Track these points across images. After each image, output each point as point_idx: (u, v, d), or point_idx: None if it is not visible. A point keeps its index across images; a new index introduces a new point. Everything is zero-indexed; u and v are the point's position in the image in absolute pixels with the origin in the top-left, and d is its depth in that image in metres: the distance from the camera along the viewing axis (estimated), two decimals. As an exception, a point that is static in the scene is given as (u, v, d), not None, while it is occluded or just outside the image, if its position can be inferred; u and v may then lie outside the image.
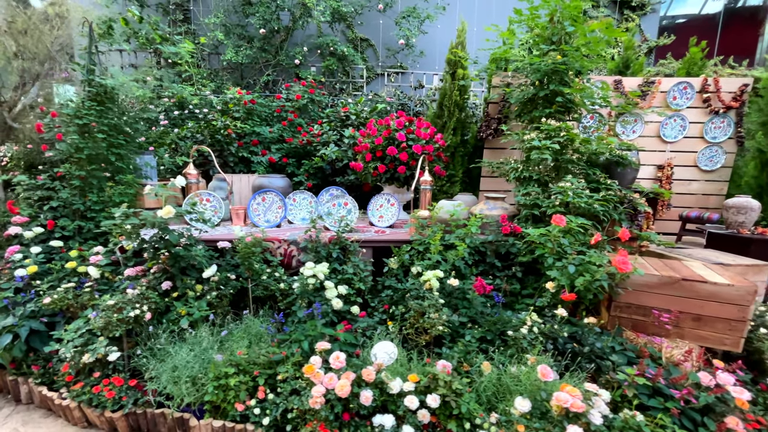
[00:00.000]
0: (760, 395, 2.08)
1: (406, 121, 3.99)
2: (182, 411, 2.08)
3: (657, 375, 1.89)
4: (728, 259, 2.78)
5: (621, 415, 1.80)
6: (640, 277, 2.29)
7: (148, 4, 6.20)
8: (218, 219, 3.47)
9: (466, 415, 1.89)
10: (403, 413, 1.92)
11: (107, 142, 3.05)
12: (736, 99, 4.83)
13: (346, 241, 2.99)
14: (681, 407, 1.84)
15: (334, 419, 1.89)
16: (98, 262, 2.72)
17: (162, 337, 2.23)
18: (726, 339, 2.18)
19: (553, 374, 1.84)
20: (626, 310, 2.36)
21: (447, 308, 2.59)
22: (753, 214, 3.63)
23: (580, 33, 3.39)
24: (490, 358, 2.18)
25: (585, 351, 2.11)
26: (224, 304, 2.62)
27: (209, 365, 2.09)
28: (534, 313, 2.30)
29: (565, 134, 2.89)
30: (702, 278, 2.20)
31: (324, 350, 2.09)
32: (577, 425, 1.67)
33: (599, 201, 2.73)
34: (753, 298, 2.10)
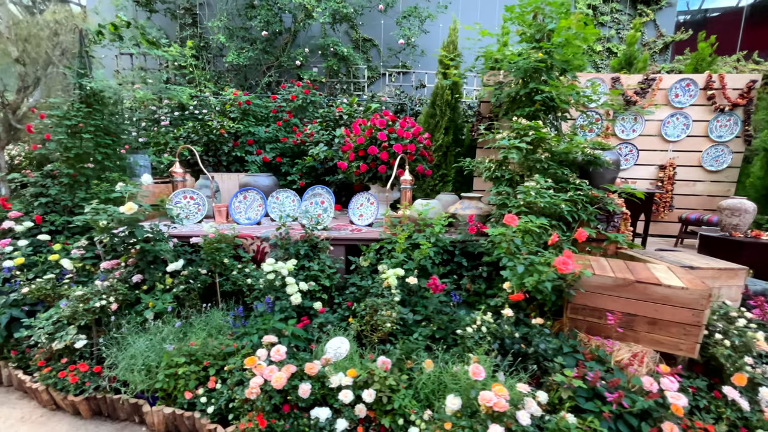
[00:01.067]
0: (713, 402, 1.99)
1: (389, 121, 4.01)
2: (137, 397, 2.19)
3: (595, 378, 1.85)
4: (702, 262, 2.65)
5: (555, 417, 1.77)
6: (595, 279, 2.23)
7: (156, 9, 6.48)
8: (201, 216, 3.61)
9: (399, 411, 1.91)
10: (340, 407, 1.96)
11: (94, 141, 3.23)
12: (743, 96, 4.58)
13: (316, 238, 3.04)
14: (618, 411, 1.79)
15: (272, 410, 1.95)
16: (81, 255, 2.90)
17: (124, 327, 2.35)
18: (681, 344, 2.10)
19: (484, 373, 1.83)
20: (581, 312, 2.30)
21: (405, 306, 2.62)
22: (747, 216, 3.44)
23: (557, 30, 3.31)
24: (435, 356, 2.18)
25: (530, 352, 2.08)
26: (192, 297, 2.73)
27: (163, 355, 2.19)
28: (487, 313, 2.29)
29: (533, 133, 2.84)
30: (657, 281, 2.12)
31: (270, 343, 2.15)
32: (501, 424, 1.67)
33: (566, 201, 2.68)
34: (707, 303, 2.01)
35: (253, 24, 6.13)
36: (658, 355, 2.17)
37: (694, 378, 2.13)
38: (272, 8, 6.24)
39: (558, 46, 3.41)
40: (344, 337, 2.39)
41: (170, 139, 4.44)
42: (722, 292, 2.57)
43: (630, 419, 1.79)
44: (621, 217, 3.01)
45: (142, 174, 4.01)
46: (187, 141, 4.62)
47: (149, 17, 6.42)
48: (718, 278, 2.54)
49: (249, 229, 3.38)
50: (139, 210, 2.38)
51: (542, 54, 3.46)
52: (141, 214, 2.42)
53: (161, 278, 2.69)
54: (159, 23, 6.65)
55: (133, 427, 2.21)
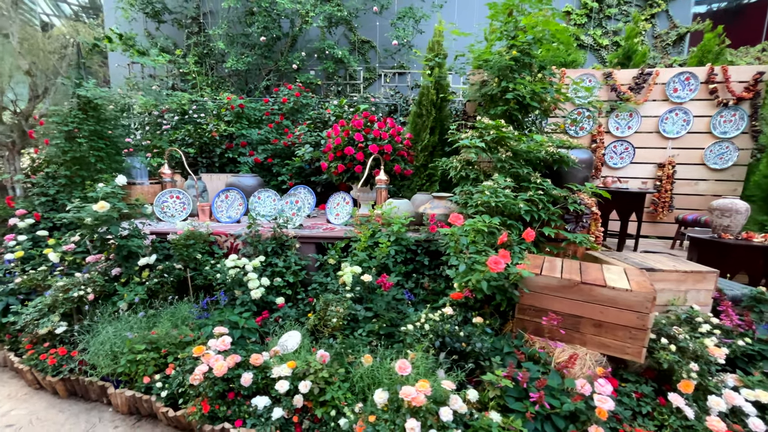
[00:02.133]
0: (658, 409, 1.93)
1: (368, 122, 4.08)
2: (103, 380, 2.38)
3: (524, 378, 1.84)
4: (670, 264, 2.55)
5: (481, 414, 1.79)
6: (541, 279, 2.21)
7: (164, 20, 6.86)
8: (186, 214, 3.82)
9: (332, 403, 1.98)
10: (279, 396, 2.05)
11: (88, 145, 3.49)
12: (749, 89, 4.33)
13: (284, 236, 3.16)
14: (546, 412, 1.78)
15: (216, 397, 2.07)
16: (72, 250, 3.14)
17: (96, 315, 2.55)
18: (628, 348, 2.04)
19: (410, 369, 1.87)
20: (528, 312, 2.28)
21: (362, 303, 2.68)
22: (739, 217, 3.25)
23: (527, 27, 3.26)
24: (376, 351, 2.23)
25: (468, 350, 2.10)
26: (165, 290, 2.91)
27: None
28: (436, 311, 2.31)
29: (494, 132, 2.82)
30: (601, 282, 2.07)
31: (221, 334, 2.28)
32: (418, 419, 1.70)
33: (526, 201, 2.65)
34: (652, 306, 1.95)
35: (251, 30, 6.35)
36: (605, 358, 2.12)
37: (642, 383, 2.07)
38: (270, 14, 6.45)
39: (530, 44, 3.35)
40: (297, 331, 2.48)
41: (166, 142, 4.70)
42: (690, 296, 2.47)
43: (558, 421, 1.77)
44: (590, 217, 2.94)
45: (136, 176, 4.29)
46: (183, 144, 4.88)
47: (158, 27, 6.79)
48: (684, 281, 2.44)
49: (228, 227, 3.54)
50: (113, 208, 2.56)
51: (516, 52, 3.41)
52: (115, 212, 2.61)
53: (138, 272, 2.89)
54: (168, 32, 7.02)
55: (102, 408, 2.40)
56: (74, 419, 2.30)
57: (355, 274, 2.66)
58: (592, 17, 7.61)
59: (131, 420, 2.30)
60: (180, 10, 6.86)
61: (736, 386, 2.06)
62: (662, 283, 2.44)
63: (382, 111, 6.46)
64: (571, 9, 7.58)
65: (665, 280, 2.43)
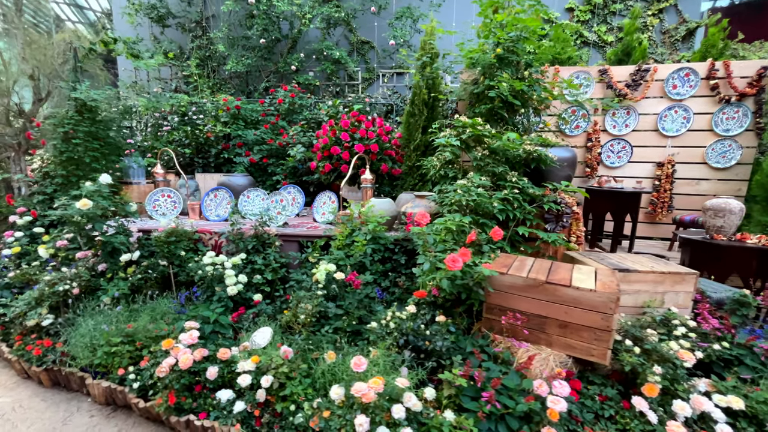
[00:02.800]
0: (621, 413, 1.88)
1: (355, 122, 4.11)
2: (83, 371, 2.47)
3: (480, 378, 1.82)
4: (648, 265, 2.47)
5: (436, 412, 1.79)
6: (507, 278, 2.18)
7: (168, 24, 7.05)
8: (176, 213, 3.92)
9: (292, 398, 2.01)
10: (242, 390, 2.09)
11: (83, 146, 3.63)
12: (752, 84, 4.16)
13: (265, 234, 3.21)
14: (500, 412, 1.76)
15: (183, 389, 2.13)
16: (65, 246, 3.27)
17: (79, 309, 2.65)
18: (593, 349, 2.00)
19: (365, 366, 1.87)
20: (495, 312, 2.25)
21: (337, 300, 2.70)
22: (732, 217, 3.13)
23: (509, 24, 3.22)
24: (341, 348, 2.25)
25: (429, 349, 2.09)
26: (149, 285, 3.00)
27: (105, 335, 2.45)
28: (402, 310, 2.31)
29: (470, 130, 2.80)
30: (566, 282, 2.03)
31: (191, 328, 2.33)
32: (368, 415, 1.71)
33: (500, 200, 2.63)
34: (616, 306, 1.90)
35: (250, 33, 6.46)
36: (570, 360, 2.08)
37: (608, 386, 2.02)
38: (269, 17, 6.55)
39: (514, 41, 3.31)
40: (269, 328, 2.51)
41: (164, 142, 4.83)
42: (668, 298, 2.39)
43: (511, 421, 1.75)
44: (571, 216, 2.88)
45: (133, 175, 4.43)
46: (180, 145, 5.00)
47: (162, 32, 6.99)
48: (662, 283, 2.37)
49: (217, 225, 3.62)
50: (96, 206, 2.66)
51: (500, 50, 3.38)
52: (99, 210, 2.71)
53: (123, 268, 2.98)
54: (173, 36, 7.22)
55: (81, 397, 2.49)
56: (54, 408, 2.39)
57: (329, 272, 2.68)
58: (597, 13, 7.45)
59: (107, 410, 2.38)
60: (183, 14, 7.05)
61: (708, 391, 1.99)
62: (638, 284, 2.37)
63: (379, 111, 6.48)
64: (574, 5, 7.43)
65: (641, 281, 2.37)
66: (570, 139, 4.81)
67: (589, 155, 4.73)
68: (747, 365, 2.08)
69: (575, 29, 7.28)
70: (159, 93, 5.51)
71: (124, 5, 7.03)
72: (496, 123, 3.64)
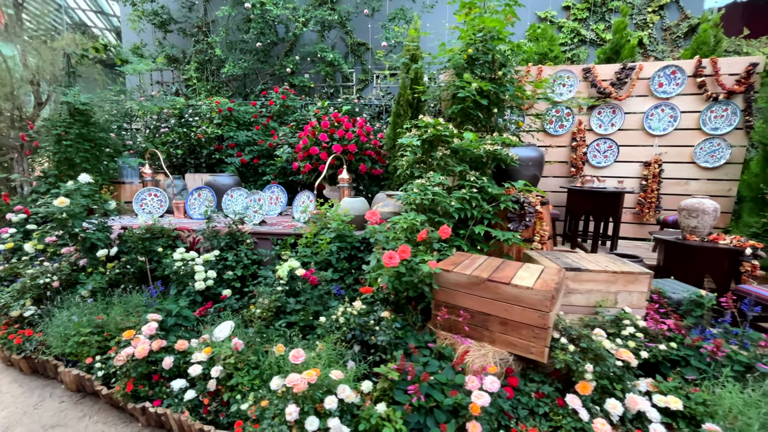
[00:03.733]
0: (555, 410, 1.89)
1: (335, 122, 4.19)
2: (57, 359, 2.62)
3: (411, 372, 1.87)
4: (603, 264, 2.46)
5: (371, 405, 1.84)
6: (453, 276, 2.21)
7: (171, 30, 7.30)
8: (162, 211, 4.09)
9: (237, 387, 2.09)
10: (195, 380, 2.19)
11: (75, 147, 3.82)
12: (740, 82, 4.06)
13: (238, 232, 3.32)
14: (428, 406, 1.80)
15: (140, 377, 2.24)
16: (54, 242, 3.46)
17: (57, 301, 2.81)
18: (532, 347, 2.01)
19: (302, 358, 1.94)
20: (443, 309, 2.29)
21: (296, 296, 2.78)
22: (706, 217, 3.07)
23: (468, 25, 3.24)
24: (291, 341, 2.32)
25: (371, 343, 2.14)
26: (126, 280, 3.15)
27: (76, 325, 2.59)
28: (354, 304, 2.38)
29: (431, 131, 2.84)
30: (506, 280, 2.05)
31: (154, 320, 2.45)
32: (298, 405, 1.78)
33: (458, 198, 2.66)
34: (551, 304, 1.91)
35: (245, 37, 6.63)
36: (511, 357, 2.10)
37: (547, 384, 2.03)
38: (266, 21, 6.71)
39: (485, 41, 3.32)
40: (230, 321, 2.59)
41: (158, 144, 5.02)
42: (621, 298, 2.38)
43: (439, 415, 1.79)
44: (534, 215, 2.88)
45: (127, 176, 4.62)
46: (173, 146, 5.19)
47: (164, 37, 7.25)
48: (614, 282, 2.36)
49: (198, 223, 3.75)
50: (73, 203, 2.81)
51: (471, 50, 3.40)
52: (77, 207, 2.86)
53: (103, 263, 3.14)
54: (176, 41, 7.47)
55: (56, 384, 2.64)
56: (29, 393, 2.55)
57: (291, 269, 2.76)
58: (595, 11, 7.33)
59: (77, 396, 2.52)
60: (185, 20, 7.29)
61: (650, 391, 1.98)
62: (590, 283, 2.37)
63: (373, 112, 6.55)
64: (571, 4, 7.33)
65: (593, 280, 2.36)
66: (554, 138, 4.77)
67: (574, 155, 4.68)
68: (693, 366, 2.06)
69: (572, 28, 7.18)
70: (156, 96, 5.72)
71: (130, 11, 7.33)
72: (472, 123, 3.66)
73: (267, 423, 1.79)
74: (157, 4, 7.04)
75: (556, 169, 4.84)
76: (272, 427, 1.77)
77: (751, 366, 2.00)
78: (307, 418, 1.76)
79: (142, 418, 2.23)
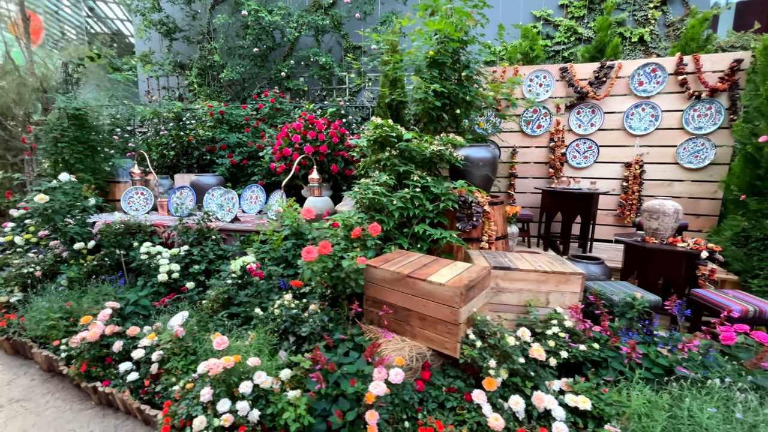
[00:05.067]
0: (461, 404, 1.93)
1: (309, 124, 4.33)
2: (33, 341, 2.87)
3: (322, 362, 1.96)
4: (537, 264, 2.46)
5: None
6: (379, 272, 2.29)
7: (176, 38, 7.70)
8: (148, 208, 4.36)
9: (173, 372, 2.25)
10: (139, 363, 2.37)
11: (69, 149, 4.15)
12: (724, 79, 3.91)
13: (206, 229, 3.51)
14: (335, 394, 1.89)
15: (93, 359, 2.44)
16: (46, 235, 3.77)
17: (38, 289, 3.08)
18: (447, 342, 2.06)
19: (225, 345, 2.07)
20: (371, 303, 2.37)
21: (243, 289, 2.93)
22: (667, 219, 2.99)
23: (430, 26, 3.30)
24: (230, 330, 2.47)
25: (299, 334, 2.25)
26: (104, 271, 3.40)
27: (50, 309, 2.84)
28: (285, 297, 2.50)
29: (378, 131, 2.92)
30: (423, 276, 2.11)
31: (112, 308, 2.66)
32: (212, 387, 1.91)
33: (401, 198, 2.72)
34: (461, 300, 1.96)
35: (241, 43, 6.90)
36: (429, 351, 2.15)
37: (462, 379, 2.08)
38: (264, 27, 6.96)
39: (443, 42, 3.37)
40: (186, 311, 2.79)
41: (154, 145, 5.34)
42: (553, 298, 2.38)
43: (343, 402, 1.87)
44: (482, 215, 2.91)
45: (121, 175, 4.95)
46: (167, 147, 5.50)
47: (170, 44, 7.65)
48: (545, 282, 2.36)
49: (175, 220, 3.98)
50: (52, 200, 3.08)
51: (432, 52, 3.46)
52: (57, 204, 3.13)
53: (84, 255, 3.40)
54: (181, 49, 7.87)
55: (32, 364, 2.90)
56: (7, 371, 2.82)
57: (245, 264, 2.91)
58: (593, 8, 7.15)
59: (47, 375, 2.76)
60: (188, 28, 7.66)
61: (563, 390, 1.99)
62: (520, 282, 2.38)
63: (364, 114, 6.67)
64: (567, 2, 7.19)
65: (523, 279, 2.38)
66: (533, 139, 4.72)
67: (552, 155, 4.62)
68: (612, 368, 2.05)
69: (568, 26, 7.05)
70: (157, 101, 6.06)
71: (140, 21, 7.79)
72: (436, 124, 3.72)
73: (185, 403, 1.93)
74: (163, 14, 7.45)
75: (535, 170, 4.79)
76: (189, 407, 1.90)
77: (671, 369, 1.97)
78: (221, 400, 1.88)
79: (95, 397, 2.43)
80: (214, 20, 6.78)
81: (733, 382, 1.83)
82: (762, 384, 1.80)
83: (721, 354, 2.09)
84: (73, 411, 2.39)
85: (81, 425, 2.26)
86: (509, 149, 4.78)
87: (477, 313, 2.08)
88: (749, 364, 1.89)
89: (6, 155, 4.91)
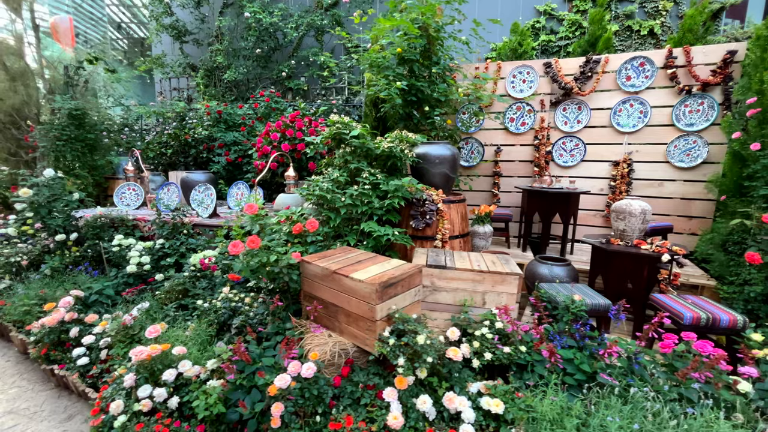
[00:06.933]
0: (373, 401, 1.92)
1: (288, 123, 4.42)
2: (14, 325, 3.10)
3: (242, 354, 2.01)
4: (476, 264, 2.40)
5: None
6: (312, 268, 2.31)
7: (186, 41, 8.04)
8: (139, 203, 4.59)
9: (116, 358, 2.37)
10: (91, 348, 2.51)
11: (67, 147, 4.44)
12: (716, 72, 3.66)
13: (179, 223, 3.66)
14: (251, 384, 1.93)
15: (53, 344, 2.61)
16: (40, 228, 4.06)
17: (23, 277, 3.32)
18: (367, 339, 2.05)
19: (157, 333, 2.16)
20: (306, 298, 2.40)
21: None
22: (633, 220, 2.83)
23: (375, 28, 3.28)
24: (175, 320, 2.57)
25: (239, 326, 2.32)
26: (85, 262, 3.61)
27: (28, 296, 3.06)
28: (223, 290, 2.57)
29: (334, 128, 2.94)
30: (346, 273, 2.11)
31: (77, 296, 2.83)
32: (136, 374, 2.00)
33: (350, 194, 2.74)
34: (377, 297, 1.95)
35: (244, 44, 7.11)
36: (354, 348, 2.15)
37: (383, 376, 2.07)
38: (266, 28, 7.15)
39: (408, 41, 3.35)
40: (147, 302, 2.92)
41: (154, 143, 5.61)
42: (489, 298, 2.32)
43: (255, 393, 1.92)
44: (435, 213, 2.87)
45: (120, 172, 5.23)
46: (166, 146, 5.76)
47: (181, 47, 8.00)
48: (481, 282, 2.30)
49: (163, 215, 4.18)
50: (36, 194, 3.32)
51: (400, 50, 3.45)
52: (41, 198, 3.37)
53: (69, 246, 3.64)
54: (191, 51, 8.22)
55: (11, 346, 3.14)
56: (-11, 351, 3.06)
57: (205, 257, 3.02)
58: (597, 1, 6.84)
59: (22, 357, 2.98)
60: (197, 31, 7.99)
61: (481, 392, 1.94)
62: (456, 282, 2.33)
63: (360, 112, 6.71)
64: (571, -5, 6.91)
65: (459, 279, 2.33)
66: (517, 137, 4.59)
67: (537, 154, 4.47)
68: (536, 372, 1.97)
69: (573, 20, 6.77)
70: (162, 101, 6.36)
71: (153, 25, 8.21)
72: (405, 121, 3.70)
73: (112, 388, 2.04)
74: (174, 18, 7.81)
75: (520, 169, 4.65)
76: (114, 392, 2.01)
77: (594, 375, 1.87)
78: (143, 385, 1.97)
79: (53, 379, 2.60)
80: (215, 22, 7.02)
81: (658, 392, 1.72)
82: (687, 395, 1.69)
83: (663, 363, 1.97)
84: (34, 391, 2.57)
85: (36, 404, 2.43)
86: (493, 147, 4.67)
87: (399, 310, 2.06)
88: (680, 373, 1.78)
89: (20, 152, 5.32)
